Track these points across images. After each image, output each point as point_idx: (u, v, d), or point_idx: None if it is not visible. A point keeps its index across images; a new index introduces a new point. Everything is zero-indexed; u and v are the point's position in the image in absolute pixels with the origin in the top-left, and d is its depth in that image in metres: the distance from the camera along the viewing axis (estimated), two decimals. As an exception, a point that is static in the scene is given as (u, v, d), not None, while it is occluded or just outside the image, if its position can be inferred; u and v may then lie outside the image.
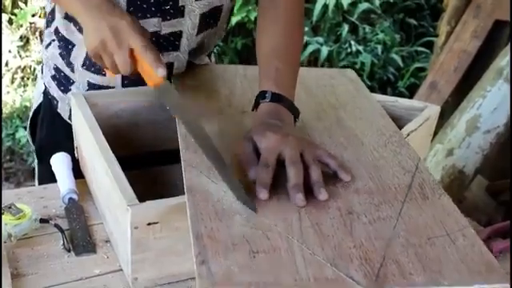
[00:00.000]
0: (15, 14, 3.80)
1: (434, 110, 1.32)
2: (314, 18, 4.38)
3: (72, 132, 1.26)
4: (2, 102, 3.55)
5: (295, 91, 1.11)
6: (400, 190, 0.95)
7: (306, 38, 4.24)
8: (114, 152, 1.00)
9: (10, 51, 3.73)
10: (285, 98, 1.06)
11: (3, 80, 3.67)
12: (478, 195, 2.65)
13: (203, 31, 1.26)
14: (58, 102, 1.31)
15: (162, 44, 1.22)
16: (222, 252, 0.78)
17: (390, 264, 0.79)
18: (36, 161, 1.42)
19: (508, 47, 2.59)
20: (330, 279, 0.76)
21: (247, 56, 4.26)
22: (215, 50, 4.14)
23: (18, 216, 1.03)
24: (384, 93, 3.82)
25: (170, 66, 1.25)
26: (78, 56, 1.24)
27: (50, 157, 1.23)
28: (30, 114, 1.39)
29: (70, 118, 1.29)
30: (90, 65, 1.24)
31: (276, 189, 0.90)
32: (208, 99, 1.21)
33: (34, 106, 1.37)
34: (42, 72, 1.36)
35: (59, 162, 1.19)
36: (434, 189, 0.96)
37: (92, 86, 1.26)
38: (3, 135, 3.42)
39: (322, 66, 4.30)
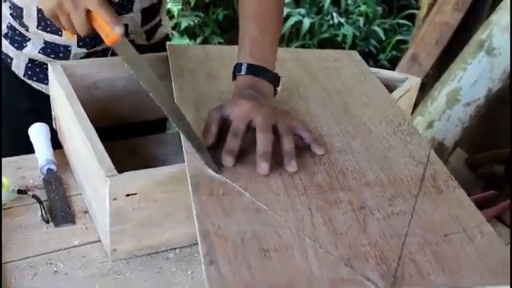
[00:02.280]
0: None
1: (414, 82, 1.32)
2: (297, -10, 4.36)
3: (29, 89, 1.27)
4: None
5: (276, 57, 1.08)
6: (413, 182, 0.93)
7: (287, 10, 4.22)
8: (93, 123, 0.98)
9: None
10: (261, 69, 1.04)
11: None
12: (457, 168, 2.67)
13: None
14: (12, 59, 1.28)
15: (116, 10, 1.19)
16: (232, 251, 0.74)
17: (407, 264, 0.77)
18: None
19: (489, 20, 2.60)
20: (345, 280, 0.74)
21: (229, 27, 4.23)
22: (196, 21, 4.12)
23: (-6, 187, 1.02)
24: (365, 65, 3.82)
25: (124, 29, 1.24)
26: (29, 19, 1.22)
27: (6, 119, 1.21)
28: None
29: (24, 75, 1.29)
30: (46, 25, 1.22)
31: (286, 184, 0.88)
32: (207, 84, 1.16)
33: None
34: None
35: (37, 132, 1.17)
36: (448, 181, 0.94)
37: (48, 45, 1.25)
38: None
39: (304, 37, 4.29)
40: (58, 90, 1.10)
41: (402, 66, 3.12)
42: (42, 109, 1.24)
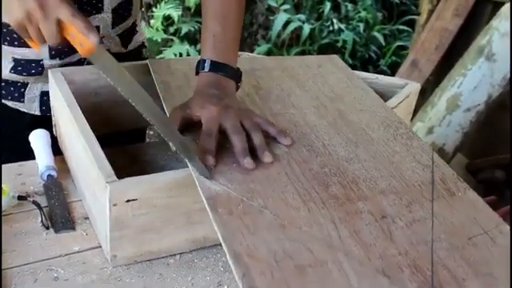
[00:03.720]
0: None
1: (414, 87, 1.32)
2: (297, -4, 4.37)
3: (5, 110, 1.25)
4: None
5: (237, 53, 1.11)
6: (424, 187, 0.94)
7: (288, 16, 4.23)
8: (93, 130, 0.98)
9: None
10: (224, 66, 1.07)
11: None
12: (457, 173, 2.67)
13: None
14: None
15: (86, 9, 1.19)
16: (267, 271, 0.74)
17: (440, 270, 0.78)
18: None
19: (489, 26, 2.60)
20: None
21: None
22: (196, 27, 4.11)
23: (-5, 193, 1.02)
24: (366, 71, 3.82)
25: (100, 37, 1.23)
26: None
27: None
28: None
29: None
30: (12, 40, 1.18)
31: (303, 198, 0.88)
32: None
33: None
34: None
35: (38, 139, 1.17)
36: (457, 183, 0.96)
37: (18, 62, 1.21)
38: None
39: (304, 43, 4.30)
40: (59, 97, 1.10)
41: (402, 72, 3.13)
42: (18, 126, 1.23)
